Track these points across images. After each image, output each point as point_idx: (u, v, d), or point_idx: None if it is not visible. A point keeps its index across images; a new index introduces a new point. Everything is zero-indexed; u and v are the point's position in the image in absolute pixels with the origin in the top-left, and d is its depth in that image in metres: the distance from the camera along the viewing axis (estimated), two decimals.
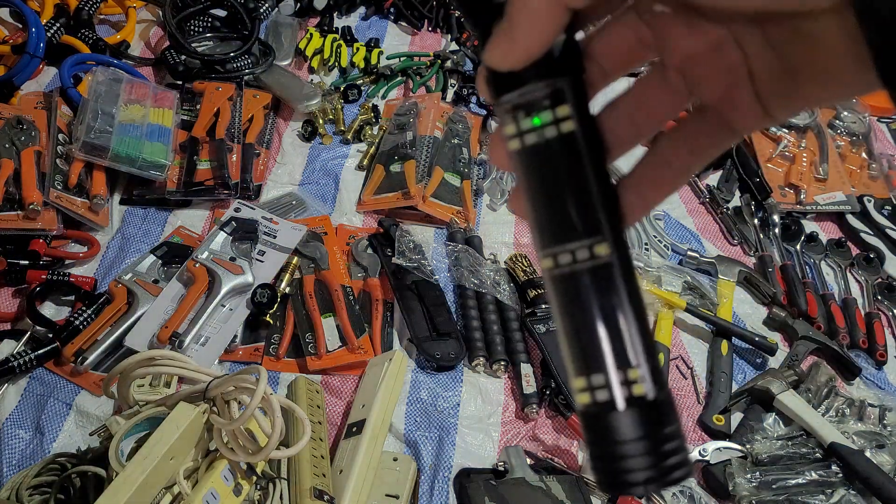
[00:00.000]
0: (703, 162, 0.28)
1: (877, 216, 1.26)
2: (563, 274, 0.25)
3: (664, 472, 0.24)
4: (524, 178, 0.26)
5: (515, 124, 0.25)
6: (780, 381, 0.95)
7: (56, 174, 1.04)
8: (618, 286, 0.25)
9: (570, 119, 0.25)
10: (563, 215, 0.25)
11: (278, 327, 0.98)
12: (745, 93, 0.25)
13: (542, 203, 0.25)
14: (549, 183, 0.25)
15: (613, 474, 0.25)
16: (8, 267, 0.96)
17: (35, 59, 1.21)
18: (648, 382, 0.24)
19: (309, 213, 1.15)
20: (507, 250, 1.14)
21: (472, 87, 1.41)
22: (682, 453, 0.25)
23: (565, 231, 0.25)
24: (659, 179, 0.28)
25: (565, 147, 0.25)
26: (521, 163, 0.26)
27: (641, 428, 0.24)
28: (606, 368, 0.24)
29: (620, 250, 0.25)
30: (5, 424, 0.84)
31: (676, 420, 0.25)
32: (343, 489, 0.78)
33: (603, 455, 0.25)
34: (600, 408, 0.25)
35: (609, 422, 0.24)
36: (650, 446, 0.24)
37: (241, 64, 1.31)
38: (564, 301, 0.25)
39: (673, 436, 0.25)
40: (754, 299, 1.13)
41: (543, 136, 0.25)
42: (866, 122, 1.42)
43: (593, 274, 0.25)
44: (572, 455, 0.89)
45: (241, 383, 0.68)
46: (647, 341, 0.25)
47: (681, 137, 0.27)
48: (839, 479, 0.86)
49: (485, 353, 0.97)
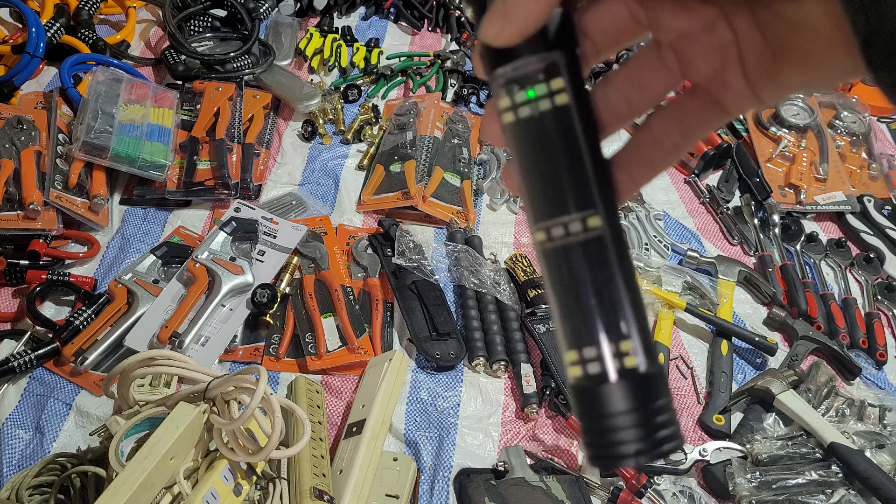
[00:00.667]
0: (693, 142, 0.28)
1: (877, 216, 1.26)
2: (556, 247, 0.25)
3: (655, 445, 0.24)
4: (517, 151, 0.26)
5: (509, 97, 0.25)
6: (780, 381, 0.95)
7: (56, 174, 1.05)
8: (610, 259, 0.25)
9: (564, 92, 0.25)
10: (556, 188, 0.25)
11: (278, 327, 0.98)
12: (736, 73, 0.25)
13: (536, 176, 0.26)
14: (543, 156, 0.25)
15: (604, 447, 0.25)
16: (8, 267, 0.96)
17: (35, 59, 1.21)
18: (640, 355, 0.24)
19: (309, 213, 1.15)
20: (507, 250, 1.14)
21: (472, 86, 1.42)
22: (673, 426, 0.25)
23: (558, 204, 0.25)
24: (649, 158, 0.28)
25: (559, 120, 0.25)
26: (514, 136, 0.26)
27: (633, 400, 0.24)
28: (598, 341, 0.25)
29: (613, 223, 0.25)
30: (5, 424, 0.84)
31: (667, 393, 0.25)
32: (343, 489, 0.78)
33: (594, 428, 0.25)
34: (592, 380, 0.25)
35: (600, 394, 0.25)
36: (641, 418, 0.24)
37: (241, 64, 1.31)
38: (556, 274, 0.25)
39: (664, 408, 0.25)
40: (754, 299, 1.13)
41: (537, 108, 0.25)
42: (866, 122, 1.41)
43: (586, 247, 0.25)
44: (572, 455, 0.89)
45: (241, 383, 0.68)
46: (638, 314, 0.25)
47: (672, 117, 0.27)
48: (839, 479, 0.86)
49: (485, 353, 0.97)
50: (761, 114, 1.39)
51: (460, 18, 1.57)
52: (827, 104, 1.44)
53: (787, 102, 1.40)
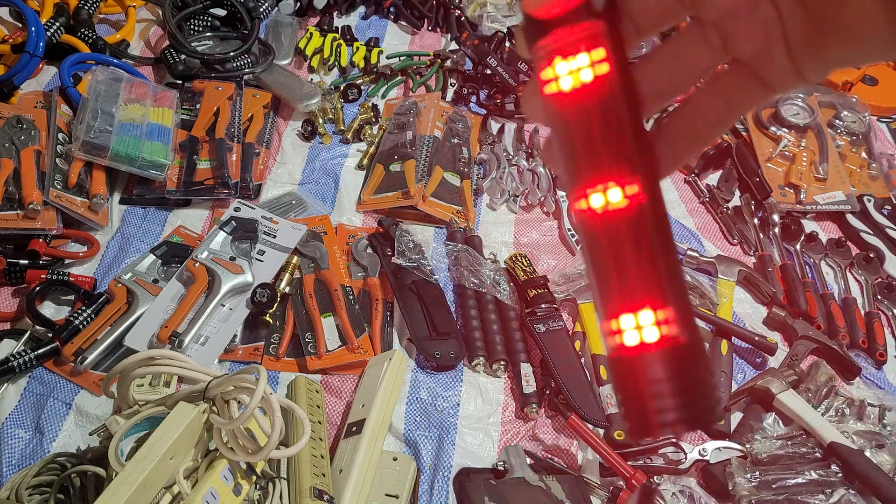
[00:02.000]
0: (737, 115, 0.28)
1: (877, 216, 1.26)
2: (595, 216, 0.25)
3: (695, 415, 0.24)
4: (559, 122, 0.26)
5: (552, 68, 0.26)
6: (779, 381, 0.95)
7: (56, 173, 1.04)
8: (649, 228, 0.25)
9: (606, 62, 0.25)
10: (596, 157, 0.25)
11: (278, 327, 0.98)
12: (780, 50, 0.25)
13: (576, 146, 0.26)
14: (584, 125, 0.25)
15: (642, 415, 0.25)
16: (8, 266, 0.96)
17: (35, 59, 1.21)
18: (680, 324, 0.24)
19: (309, 212, 1.15)
20: (506, 250, 1.14)
21: (472, 86, 1.41)
22: (712, 397, 0.25)
23: (598, 173, 0.25)
24: (693, 131, 0.28)
25: (601, 89, 0.25)
26: (556, 107, 0.26)
27: (672, 369, 0.24)
28: (637, 310, 0.24)
29: (653, 194, 0.25)
30: (5, 424, 0.84)
31: (707, 365, 0.25)
32: (343, 489, 0.78)
33: (632, 397, 0.25)
34: (630, 350, 0.25)
35: (639, 363, 0.24)
36: (681, 387, 0.24)
37: (240, 63, 1.31)
38: (596, 244, 0.25)
39: (703, 379, 0.25)
40: (754, 299, 1.13)
41: (580, 78, 0.25)
42: (866, 121, 1.41)
43: (625, 216, 0.25)
44: (572, 455, 0.89)
45: (241, 383, 0.68)
46: (677, 285, 0.25)
47: (716, 90, 0.27)
48: (839, 478, 0.86)
49: (484, 353, 0.97)
50: (761, 113, 1.39)
51: (460, 18, 1.57)
52: (827, 104, 1.44)
53: (787, 102, 1.40)
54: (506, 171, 1.25)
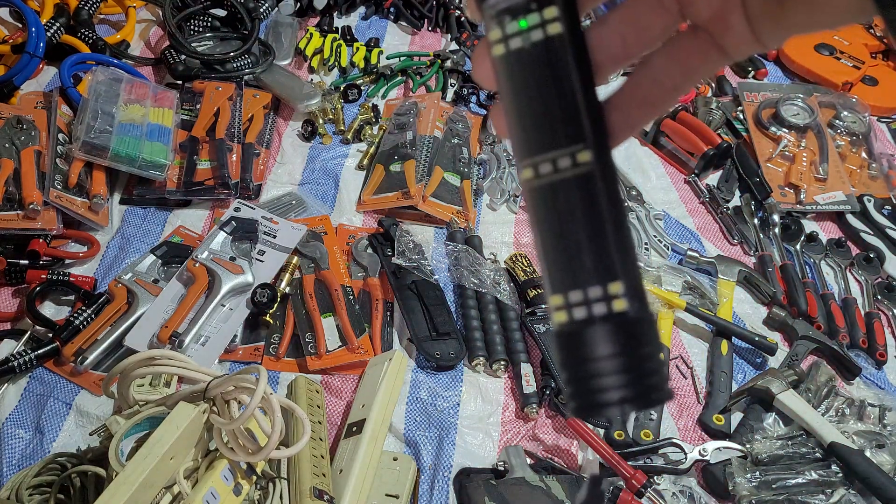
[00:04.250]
0: (693, 82, 0.27)
1: (877, 216, 1.26)
2: (543, 184, 0.24)
3: (641, 393, 0.23)
4: (507, 85, 0.25)
5: (501, 29, 0.24)
6: (780, 381, 0.95)
7: (56, 174, 1.05)
8: (600, 197, 0.24)
9: (557, 21, 0.24)
10: (545, 122, 0.24)
11: (278, 327, 0.98)
12: (738, 15, 0.25)
13: (525, 110, 0.24)
14: (533, 88, 0.24)
15: (587, 394, 0.23)
16: (8, 267, 0.96)
17: (35, 59, 1.21)
18: (629, 298, 0.23)
19: (309, 212, 1.15)
20: (507, 250, 1.14)
21: (472, 86, 1.41)
22: (660, 374, 0.23)
23: (547, 138, 0.24)
24: (647, 99, 0.27)
25: (551, 50, 0.24)
26: (504, 70, 0.25)
27: (619, 344, 0.23)
28: (585, 283, 0.23)
29: (604, 161, 0.24)
30: (5, 424, 0.84)
31: (657, 340, 0.24)
32: (343, 489, 0.78)
33: (577, 376, 0.24)
34: (577, 325, 0.23)
35: (585, 338, 0.23)
36: (628, 364, 0.23)
37: (240, 64, 1.31)
38: (543, 214, 0.24)
39: (651, 356, 0.23)
40: (754, 299, 1.13)
41: (529, 39, 0.24)
42: (866, 121, 1.41)
43: (574, 184, 0.24)
44: (572, 455, 0.89)
45: (241, 383, 0.68)
46: (627, 257, 0.24)
47: (672, 56, 0.26)
48: (839, 478, 0.86)
49: (484, 353, 0.97)
50: (761, 113, 1.39)
51: (460, 18, 1.57)
52: (827, 104, 1.44)
53: (786, 102, 1.40)
54: (506, 171, 1.25)
